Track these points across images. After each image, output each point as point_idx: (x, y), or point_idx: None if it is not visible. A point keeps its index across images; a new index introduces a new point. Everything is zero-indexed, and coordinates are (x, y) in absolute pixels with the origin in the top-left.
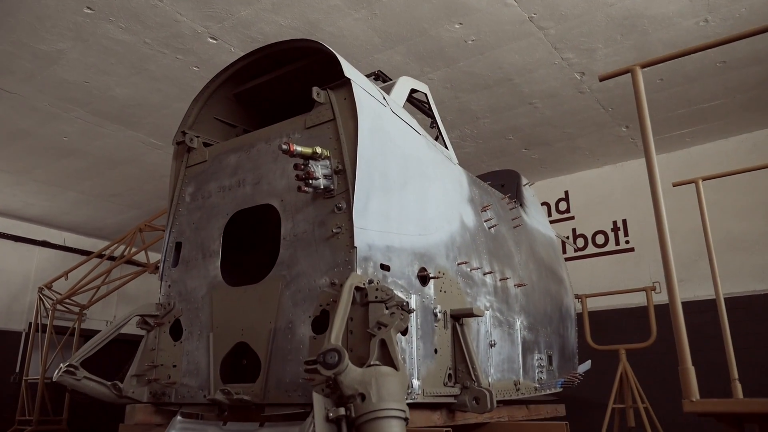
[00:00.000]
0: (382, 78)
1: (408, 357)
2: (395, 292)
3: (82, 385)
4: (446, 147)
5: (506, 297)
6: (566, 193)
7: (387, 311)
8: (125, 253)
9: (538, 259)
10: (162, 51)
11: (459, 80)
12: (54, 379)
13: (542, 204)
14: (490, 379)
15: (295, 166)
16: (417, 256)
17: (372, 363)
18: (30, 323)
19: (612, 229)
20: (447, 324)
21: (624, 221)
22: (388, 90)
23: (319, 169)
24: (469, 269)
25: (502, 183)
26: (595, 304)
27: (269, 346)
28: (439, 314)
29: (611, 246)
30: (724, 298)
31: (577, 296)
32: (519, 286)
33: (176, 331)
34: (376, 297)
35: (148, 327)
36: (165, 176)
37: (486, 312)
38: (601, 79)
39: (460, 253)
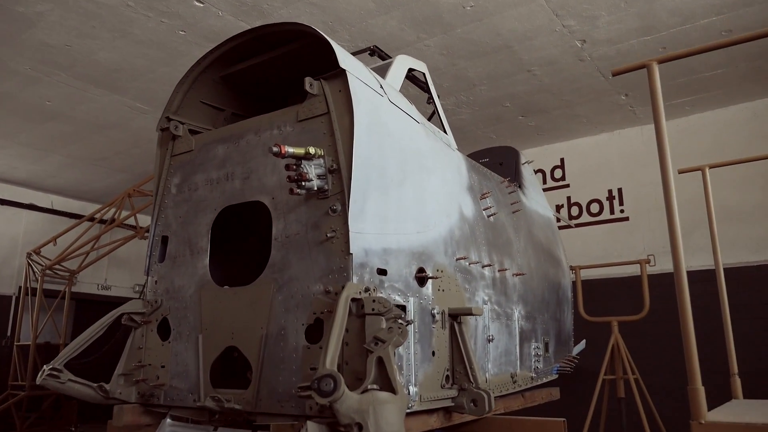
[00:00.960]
0: (378, 53)
1: (405, 363)
2: (393, 297)
3: (67, 388)
4: (444, 130)
5: (504, 288)
6: (562, 160)
7: (385, 326)
8: (115, 216)
9: (537, 244)
10: (146, 14)
11: (456, 47)
12: (37, 382)
13: (537, 171)
14: (487, 375)
15: (287, 167)
16: (415, 256)
17: (369, 387)
18: (20, 287)
19: (607, 198)
20: (445, 324)
21: (619, 190)
22: (384, 70)
23: (312, 170)
24: (467, 263)
25: (500, 161)
26: (588, 273)
27: (261, 353)
28: (437, 315)
29: (606, 215)
30: None
31: (570, 267)
32: (517, 275)
33: (164, 330)
34: (373, 309)
35: (134, 324)
36: (153, 141)
37: (484, 306)
38: (615, 74)
39: (459, 248)
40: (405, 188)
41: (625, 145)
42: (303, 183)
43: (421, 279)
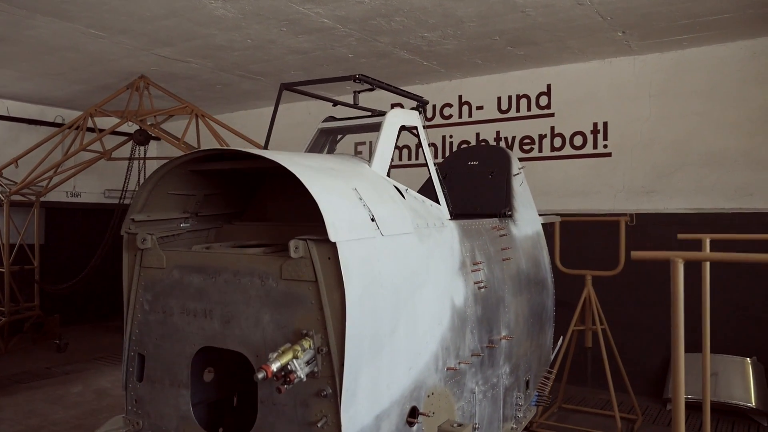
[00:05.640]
0: (362, 80)
1: None
2: None
3: None
4: (436, 197)
5: (492, 360)
6: (548, 86)
7: None
8: (79, 125)
9: (524, 281)
10: None
11: None
12: None
13: (522, 97)
14: None
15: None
16: (406, 398)
17: None
18: None
19: (591, 132)
20: None
21: (605, 124)
22: (376, 128)
23: (301, 361)
24: (458, 363)
25: (491, 170)
26: (566, 207)
27: None
28: None
29: (588, 149)
30: (693, 213)
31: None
32: (505, 338)
33: None
34: None
35: None
36: (112, 60)
37: (472, 394)
38: (635, 260)
39: (450, 354)
40: (398, 332)
41: (616, 76)
42: (292, 382)
43: (412, 423)
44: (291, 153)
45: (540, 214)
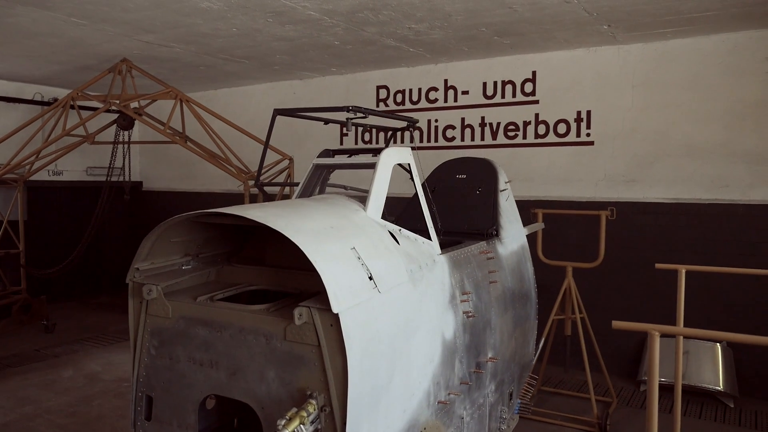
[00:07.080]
0: (355, 110)
1: None
2: None
3: None
4: (427, 233)
5: (479, 383)
6: (533, 73)
7: None
8: (61, 103)
9: (509, 297)
10: None
11: None
12: None
13: (507, 83)
14: None
15: None
16: None
17: None
18: None
19: (575, 120)
20: None
21: (588, 112)
22: (368, 167)
23: (307, 423)
24: (447, 394)
25: (479, 186)
26: (547, 194)
27: None
28: None
29: (572, 137)
30: (672, 203)
31: (532, 211)
32: (491, 360)
33: None
34: None
35: None
36: (94, 45)
37: (461, 420)
38: (615, 328)
39: (441, 388)
40: (393, 381)
41: (600, 64)
42: None
43: None
44: (290, 209)
45: (527, 202)
